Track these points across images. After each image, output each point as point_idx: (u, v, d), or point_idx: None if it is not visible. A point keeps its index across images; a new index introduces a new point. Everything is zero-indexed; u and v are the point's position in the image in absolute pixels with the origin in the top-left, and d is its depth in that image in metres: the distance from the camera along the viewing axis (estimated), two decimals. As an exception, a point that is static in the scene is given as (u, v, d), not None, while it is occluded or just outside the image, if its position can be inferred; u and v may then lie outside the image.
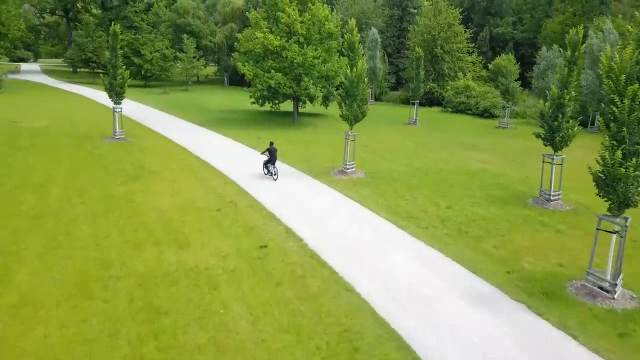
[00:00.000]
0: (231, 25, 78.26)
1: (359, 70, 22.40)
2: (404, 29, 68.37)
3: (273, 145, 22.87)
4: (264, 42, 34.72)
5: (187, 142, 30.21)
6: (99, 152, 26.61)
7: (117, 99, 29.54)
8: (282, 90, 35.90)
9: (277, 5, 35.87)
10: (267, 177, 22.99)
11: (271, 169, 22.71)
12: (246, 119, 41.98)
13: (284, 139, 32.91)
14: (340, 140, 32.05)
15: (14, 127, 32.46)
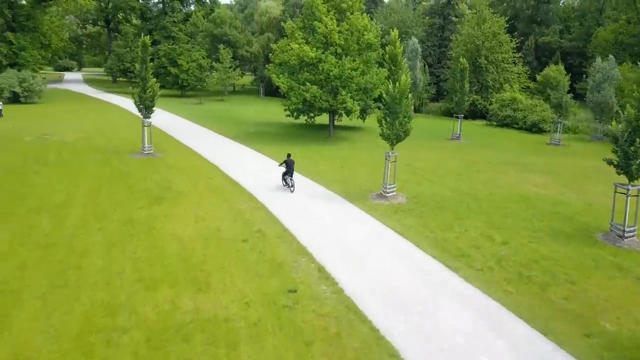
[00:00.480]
0: (268, 35, 77.41)
1: (402, 86, 20.35)
2: (445, 39, 65.77)
3: (290, 157, 22.81)
4: (300, 53, 33.10)
5: (217, 159, 28.80)
6: (125, 169, 25.43)
7: (146, 113, 28.43)
8: (317, 103, 34.17)
9: (314, 15, 34.21)
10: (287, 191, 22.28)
11: (289, 180, 22.57)
12: (280, 132, 40.43)
13: (318, 155, 31.12)
14: (378, 157, 30.04)
15: (44, 140, 31.87)
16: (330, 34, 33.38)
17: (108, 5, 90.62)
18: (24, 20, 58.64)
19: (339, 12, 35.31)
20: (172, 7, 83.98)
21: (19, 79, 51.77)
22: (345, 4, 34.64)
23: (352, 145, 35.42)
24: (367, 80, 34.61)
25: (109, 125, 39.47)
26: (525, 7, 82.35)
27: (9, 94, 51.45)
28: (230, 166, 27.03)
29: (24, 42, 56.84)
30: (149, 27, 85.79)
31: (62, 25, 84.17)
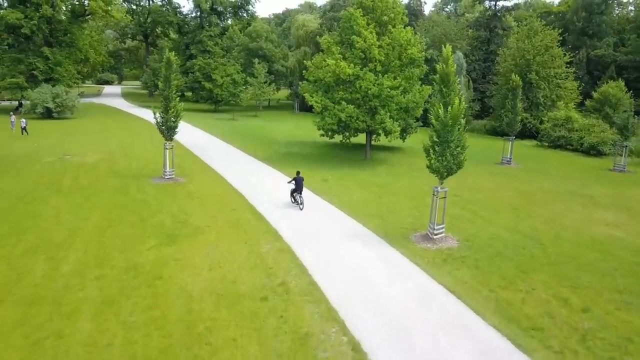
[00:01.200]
0: (304, 49, 75.53)
1: (455, 111, 17.29)
2: (491, 52, 62.00)
3: (300, 175, 22.54)
4: (336, 70, 30.45)
5: (243, 185, 26.35)
6: (141, 197, 23.22)
7: (168, 135, 26.30)
8: (353, 124, 31.36)
9: (352, 28, 31.57)
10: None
11: (298, 198, 22.43)
12: (313, 153, 37.78)
13: (353, 181, 28.22)
14: (421, 186, 26.92)
15: (64, 161, 30.27)
16: (369, 49, 30.62)
17: (147, 20, 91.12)
18: (61, 35, 58.60)
19: (380, 25, 32.57)
20: (209, 21, 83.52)
21: (53, 94, 51.30)
22: (387, 16, 31.87)
23: (391, 169, 32.33)
24: (408, 99, 31.60)
25: (134, 144, 37.80)
26: (576, 19, 77.58)
27: (42, 110, 51.01)
28: (256, 194, 24.48)
29: (60, 57, 56.67)
30: (185, 41, 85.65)
31: (100, 40, 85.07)
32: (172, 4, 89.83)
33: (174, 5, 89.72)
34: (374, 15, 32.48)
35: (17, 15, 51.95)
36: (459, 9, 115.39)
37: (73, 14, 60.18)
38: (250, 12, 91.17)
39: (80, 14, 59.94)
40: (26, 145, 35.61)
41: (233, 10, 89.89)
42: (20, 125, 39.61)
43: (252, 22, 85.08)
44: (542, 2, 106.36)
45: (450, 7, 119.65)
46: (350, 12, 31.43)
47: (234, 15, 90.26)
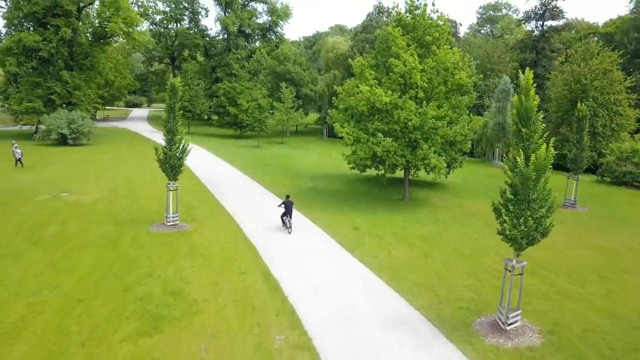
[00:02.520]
0: (334, 73, 71.77)
1: (540, 159, 12.54)
2: (538, 76, 56.61)
3: (289, 199, 22.86)
4: (370, 97, 26.04)
5: (259, 234, 21.96)
6: (133, 253, 19.02)
7: (172, 174, 22.22)
8: (390, 160, 26.76)
9: (390, 50, 27.24)
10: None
11: (287, 221, 22.62)
12: (342, 190, 33.22)
13: (391, 231, 23.46)
14: (475, 237, 21.93)
15: (58, 201, 26.51)
16: (410, 73, 26.16)
17: (174, 43, 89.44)
18: (81, 58, 56.34)
19: (421, 46, 28.15)
20: (236, 43, 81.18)
21: (68, 119, 48.56)
22: (431, 36, 27.40)
23: (435, 214, 27.42)
24: (456, 131, 26.87)
25: (143, 176, 34.02)
26: (627, 40, 71.58)
27: (57, 136, 48.27)
28: (274, 250, 20.01)
29: (79, 80, 54.23)
30: (212, 64, 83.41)
31: (126, 63, 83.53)
32: (199, 26, 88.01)
33: (201, 27, 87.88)
34: (414, 34, 28.12)
35: (36, 38, 49.79)
36: (495, 31, 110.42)
37: (94, 36, 57.98)
38: (279, 34, 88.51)
39: (101, 36, 57.66)
40: (25, 178, 32.26)
41: (261, 32, 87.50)
42: (16, 155, 36.17)
43: (281, 44, 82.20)
44: (587, 23, 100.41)
45: (486, 29, 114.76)
46: (387, 31, 27.14)
47: (262, 38, 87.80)
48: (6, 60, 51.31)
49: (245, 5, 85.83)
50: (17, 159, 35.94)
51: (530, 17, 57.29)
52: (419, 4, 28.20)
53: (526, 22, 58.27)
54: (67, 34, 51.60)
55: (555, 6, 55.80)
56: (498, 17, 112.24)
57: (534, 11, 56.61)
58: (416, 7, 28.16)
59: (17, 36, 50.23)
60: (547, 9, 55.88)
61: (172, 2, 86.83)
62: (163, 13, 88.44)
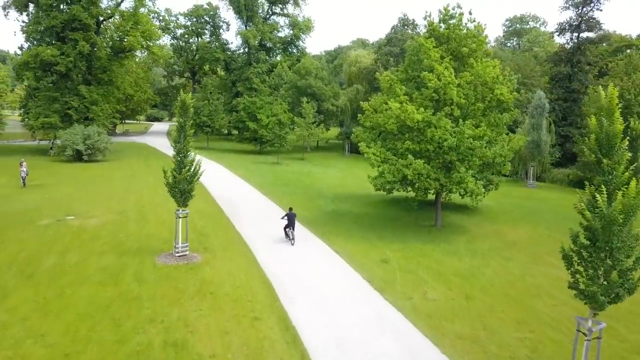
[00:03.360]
0: (357, 87, 69.72)
1: (630, 199, 9.94)
2: (574, 91, 53.53)
3: (292, 211, 23.54)
4: (401, 115, 23.63)
5: (277, 268, 19.61)
6: (135, 291, 16.83)
7: (181, 200, 20.11)
8: (422, 183, 24.23)
9: (422, 63, 24.87)
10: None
11: (290, 233, 23.17)
12: (367, 214, 30.73)
13: (425, 265, 20.86)
14: (519, 273, 18.75)
15: (62, 225, 24.61)
16: (445, 88, 23.70)
17: (194, 57, 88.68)
18: (100, 72, 55.36)
19: (456, 58, 25.72)
20: (257, 57, 79.84)
21: (84, 135, 47.27)
22: (467, 47, 24.97)
23: (472, 244, 24.68)
24: (495, 152, 24.22)
25: (156, 197, 32.03)
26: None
27: (72, 152, 46.99)
28: (292, 288, 17.63)
29: (96, 95, 53.15)
30: (232, 78, 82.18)
31: (146, 77, 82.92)
32: (220, 40, 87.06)
33: (222, 41, 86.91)
34: (448, 46, 25.73)
35: (53, 52, 48.87)
36: (522, 44, 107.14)
37: (113, 50, 57.06)
38: (301, 48, 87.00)
39: (119, 50, 56.68)
40: (33, 199, 30.61)
41: (282, 46, 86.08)
42: (21, 174, 34.41)
43: (302, 58, 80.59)
44: (619, 35, 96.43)
45: (513, 42, 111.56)
46: (419, 42, 24.81)
47: (283, 52, 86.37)
48: (24, 75, 50.53)
49: (267, 18, 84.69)
50: (23, 177, 34.14)
51: (564, 29, 54.28)
52: (454, 13, 25.84)
53: (560, 33, 55.29)
54: (86, 48, 50.63)
55: (592, 17, 52.76)
56: (525, 29, 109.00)
57: (568, 22, 53.60)
58: (451, 17, 25.80)
59: (35, 50, 49.43)
60: (582, 19, 52.84)
61: (194, 16, 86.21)
62: (184, 27, 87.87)
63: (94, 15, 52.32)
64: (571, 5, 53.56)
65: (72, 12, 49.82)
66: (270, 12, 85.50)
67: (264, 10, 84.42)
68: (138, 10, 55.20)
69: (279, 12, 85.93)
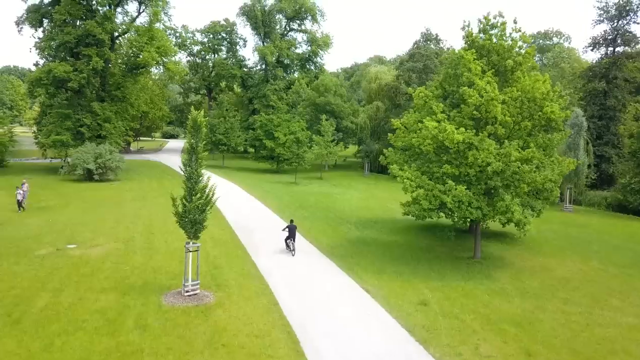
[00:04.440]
0: (377, 104, 67.41)
1: None
2: (610, 108, 50.51)
3: (293, 223, 24.51)
4: (439, 135, 21.03)
5: (300, 313, 16.96)
6: (135, 342, 14.30)
7: (192, 231, 17.67)
8: (462, 212, 21.48)
9: (461, 77, 22.33)
10: None
11: (290, 244, 23.96)
12: (394, 242, 27.98)
13: (472, 311, 18.00)
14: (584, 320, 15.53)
15: (60, 256, 22.28)
16: (487, 105, 21.08)
17: (211, 74, 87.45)
18: (113, 89, 53.89)
19: (498, 72, 23.14)
20: (274, 74, 78.21)
21: (95, 154, 45.49)
22: (512, 60, 22.38)
23: (519, 281, 21.74)
24: (545, 177, 21.43)
25: (166, 223, 29.50)
26: None
27: (82, 171, 45.17)
28: (319, 339, 14.94)
29: (109, 112, 51.56)
30: (249, 95, 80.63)
31: (162, 94, 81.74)
32: (237, 56, 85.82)
33: (238, 58, 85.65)
34: (490, 58, 23.19)
35: (66, 68, 47.46)
36: (545, 60, 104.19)
37: (127, 66, 55.65)
38: (319, 64, 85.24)
39: (134, 66, 55.24)
40: (35, 223, 28.52)
41: (300, 63, 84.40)
42: (17, 197, 31.82)
43: (320, 75, 78.73)
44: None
45: (536, 59, 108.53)
46: (459, 55, 22.29)
47: (300, 68, 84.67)
48: (35, 91, 49.24)
49: (284, 35, 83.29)
50: (18, 201, 31.70)
51: (598, 43, 51.51)
52: (496, 22, 23.35)
53: (593, 48, 52.47)
54: (99, 64, 49.20)
55: (628, 30, 49.98)
56: (548, 46, 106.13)
57: (603, 37, 50.86)
58: (493, 26, 23.30)
59: (47, 67, 48.11)
60: (618, 33, 50.07)
61: (210, 33, 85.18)
62: (201, 44, 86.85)
63: (108, 31, 51.02)
64: (605, 18, 50.84)
65: (86, 28, 48.53)
66: (288, 28, 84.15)
67: (282, 27, 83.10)
68: (153, 26, 53.82)
69: (297, 28, 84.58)
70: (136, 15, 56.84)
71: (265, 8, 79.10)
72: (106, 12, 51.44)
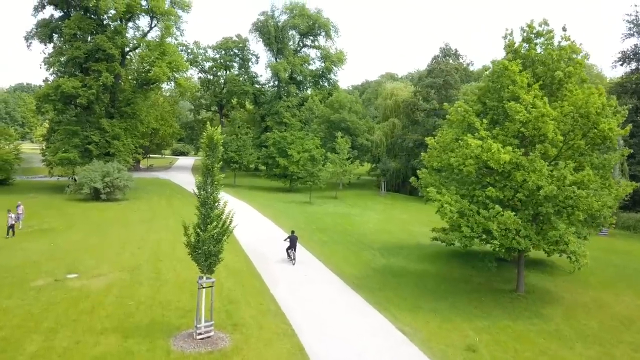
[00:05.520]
0: (393, 121, 65.28)
1: None
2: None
3: (294, 234, 25.66)
4: (483, 154, 18.69)
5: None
6: (136, 404, 11.98)
7: (206, 265, 15.38)
8: (508, 241, 18.99)
9: (506, 90, 20.06)
10: None
11: (291, 254, 25.18)
12: (425, 272, 25.46)
13: (524, 356, 15.50)
14: None
15: (59, 288, 20.01)
16: (536, 122, 18.75)
17: (222, 91, 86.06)
18: (123, 105, 52.29)
19: (544, 85, 20.85)
20: (287, 91, 76.53)
21: (102, 172, 43.60)
22: (561, 71, 20.11)
23: (574, 319, 19.14)
24: (603, 202, 18.94)
25: (175, 248, 27.36)
26: None
27: (89, 190, 43.25)
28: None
29: (118, 129, 49.85)
30: (261, 112, 78.99)
31: (173, 111, 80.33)
32: (249, 73, 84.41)
33: (250, 74, 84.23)
34: (535, 69, 20.93)
35: (75, 84, 45.89)
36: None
37: (137, 81, 54.14)
38: (332, 81, 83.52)
39: (144, 82, 53.67)
40: (35, 247, 26.42)
41: (313, 79, 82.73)
42: (8, 221, 29.37)
43: (334, 91, 76.94)
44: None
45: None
46: (503, 65, 20.01)
47: (314, 85, 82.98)
48: (43, 108, 47.75)
49: (298, 51, 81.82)
50: (8, 226, 29.28)
51: (629, 58, 49.13)
52: (542, 29, 21.14)
53: (623, 63, 50.06)
54: (109, 80, 47.65)
55: (661, 44, 47.59)
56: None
57: (634, 51, 48.52)
58: (538, 34, 21.10)
59: (56, 82, 46.62)
60: (650, 47, 47.74)
61: (222, 49, 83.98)
62: (212, 60, 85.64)
63: (119, 46, 49.55)
64: (636, 32, 48.51)
65: (96, 42, 47.10)
66: (301, 44, 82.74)
67: (295, 42, 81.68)
68: (165, 40, 52.35)
69: (310, 44, 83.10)
70: (148, 30, 55.52)
71: (279, 24, 77.81)
72: (117, 26, 50.08)
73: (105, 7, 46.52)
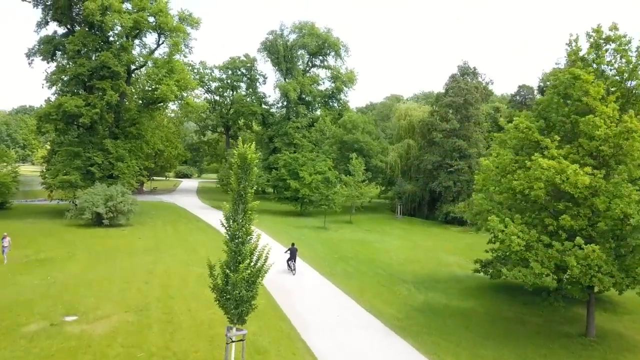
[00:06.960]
0: (408, 142, 62.69)
1: None
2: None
3: (294, 246, 27.31)
4: (557, 177, 15.84)
5: None
6: None
7: (237, 315, 12.41)
8: (587, 278, 15.99)
9: (573, 104, 17.34)
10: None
11: (291, 265, 26.90)
12: (472, 310, 22.39)
13: None
14: None
15: (55, 334, 16.98)
16: (618, 139, 15.96)
17: (229, 111, 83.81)
18: (128, 125, 49.76)
19: (622, 95, 18.16)
20: (296, 111, 74.20)
21: (105, 196, 40.75)
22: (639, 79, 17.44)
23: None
24: (699, 233, 16.00)
25: (187, 282, 24.50)
26: None
27: (91, 215, 40.34)
28: None
29: (122, 150, 47.18)
30: (269, 133, 76.48)
31: (178, 132, 77.97)
32: (257, 93, 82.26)
33: (258, 94, 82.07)
34: (606, 79, 18.25)
35: (77, 103, 43.38)
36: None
37: (143, 100, 51.73)
38: (343, 101, 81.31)
39: (151, 101, 51.22)
40: (29, 282, 23.41)
41: (323, 100, 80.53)
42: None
43: (345, 112, 74.62)
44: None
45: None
46: (572, 74, 17.31)
47: (323, 105, 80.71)
48: (43, 127, 45.20)
49: (307, 71, 79.82)
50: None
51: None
52: (611, 34, 18.55)
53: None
54: (114, 98, 45.20)
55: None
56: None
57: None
58: (608, 40, 18.49)
59: (58, 101, 44.15)
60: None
61: (230, 68, 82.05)
62: (219, 80, 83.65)
63: (124, 63, 47.22)
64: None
65: (101, 59, 44.77)
66: (311, 64, 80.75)
67: (304, 62, 79.71)
68: (173, 57, 50.07)
69: (319, 64, 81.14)
70: (155, 47, 53.29)
71: (288, 43, 75.96)
72: (123, 43, 47.85)
73: (111, 23, 44.38)
